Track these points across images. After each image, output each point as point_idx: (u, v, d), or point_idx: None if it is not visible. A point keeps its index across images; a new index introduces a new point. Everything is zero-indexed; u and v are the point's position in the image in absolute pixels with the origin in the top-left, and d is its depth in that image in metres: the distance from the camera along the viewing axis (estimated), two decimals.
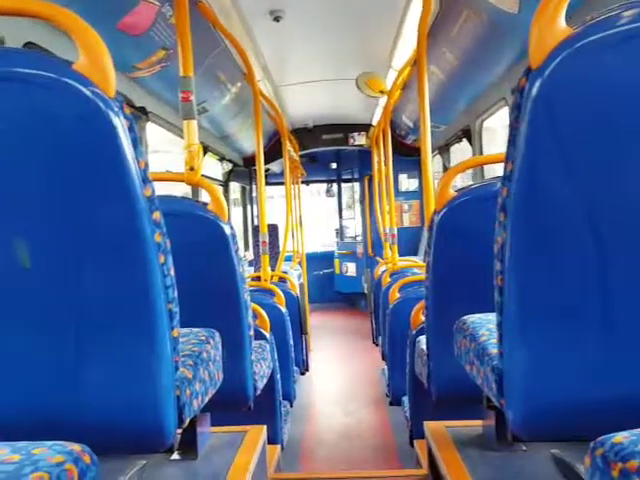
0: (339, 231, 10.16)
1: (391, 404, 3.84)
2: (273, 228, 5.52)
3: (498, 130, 4.78)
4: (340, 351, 6.84)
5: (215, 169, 6.52)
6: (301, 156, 7.88)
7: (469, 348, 1.52)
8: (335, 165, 9.86)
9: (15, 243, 1.06)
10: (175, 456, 1.82)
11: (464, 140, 4.77)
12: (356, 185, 9.93)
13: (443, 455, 1.82)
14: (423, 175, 2.71)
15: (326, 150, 8.20)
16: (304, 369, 4.87)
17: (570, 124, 1.00)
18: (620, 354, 1.07)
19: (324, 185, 10.59)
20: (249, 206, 8.33)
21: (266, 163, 5.13)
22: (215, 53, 3.84)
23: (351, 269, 9.33)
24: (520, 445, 1.76)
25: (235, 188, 7.87)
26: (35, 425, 1.09)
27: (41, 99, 1.00)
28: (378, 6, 3.73)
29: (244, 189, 8.14)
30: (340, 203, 10.26)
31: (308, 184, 10.17)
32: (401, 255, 5.11)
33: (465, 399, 1.91)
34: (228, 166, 6.53)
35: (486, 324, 1.54)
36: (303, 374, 4.84)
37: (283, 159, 5.38)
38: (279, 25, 3.90)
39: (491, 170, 4.31)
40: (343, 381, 5.62)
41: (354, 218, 10.21)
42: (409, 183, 8.11)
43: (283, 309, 3.40)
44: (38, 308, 1.09)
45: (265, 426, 2.15)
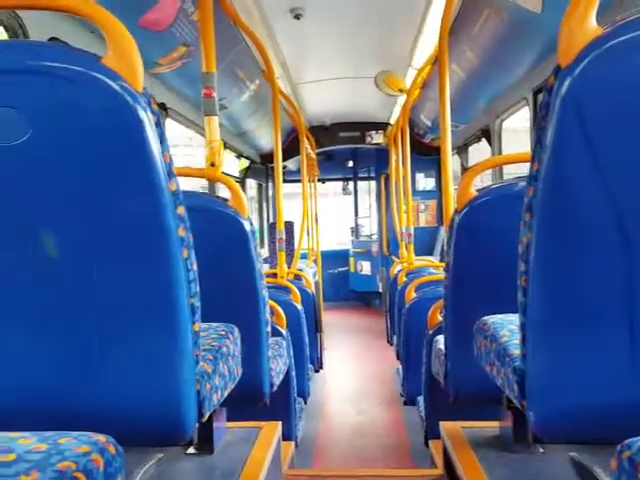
0: (354, 229, 10.15)
1: (405, 404, 3.83)
2: (289, 225, 5.52)
3: (508, 131, 4.73)
4: (354, 350, 6.83)
5: (232, 166, 6.54)
6: (317, 154, 7.88)
7: (490, 349, 1.52)
8: (351, 163, 9.85)
9: (41, 235, 1.07)
10: (191, 450, 1.83)
11: (482, 140, 4.74)
12: (372, 183, 9.91)
13: (459, 455, 1.82)
14: (442, 174, 2.69)
15: (342, 148, 8.19)
16: (318, 367, 4.88)
17: (599, 124, 0.99)
18: None
19: (339, 184, 10.58)
20: (265, 203, 8.35)
21: (283, 160, 5.13)
22: (235, 50, 3.85)
23: (366, 268, 9.31)
24: (538, 447, 1.75)
25: (251, 185, 7.89)
26: (59, 416, 1.10)
27: (69, 92, 1.01)
28: (399, 4, 3.71)
29: (260, 186, 8.16)
30: (356, 201, 10.25)
31: (324, 182, 10.16)
32: (416, 255, 5.10)
33: (482, 399, 1.90)
34: (245, 163, 6.55)
35: (507, 325, 1.53)
36: (317, 372, 4.85)
37: (300, 156, 5.38)
38: (299, 23, 3.90)
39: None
40: (357, 379, 5.61)
41: (369, 216, 10.19)
42: (426, 182, 8.06)
43: (299, 306, 3.40)
44: (62, 300, 1.10)
45: (280, 422, 2.15)
